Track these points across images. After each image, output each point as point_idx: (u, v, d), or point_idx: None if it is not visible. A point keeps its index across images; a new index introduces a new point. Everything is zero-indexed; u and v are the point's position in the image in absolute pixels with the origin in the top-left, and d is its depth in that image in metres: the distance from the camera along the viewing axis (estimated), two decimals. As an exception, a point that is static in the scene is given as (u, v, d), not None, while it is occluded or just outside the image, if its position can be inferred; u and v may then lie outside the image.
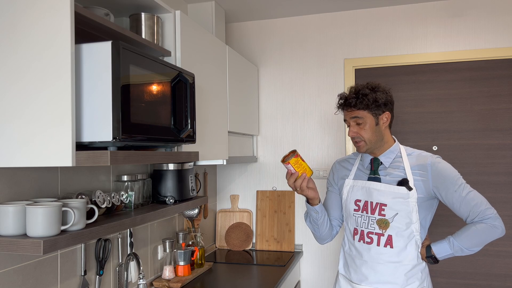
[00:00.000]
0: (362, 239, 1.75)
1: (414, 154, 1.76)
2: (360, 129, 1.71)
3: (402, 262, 1.69)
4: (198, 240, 2.50)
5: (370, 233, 1.73)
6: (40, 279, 1.49)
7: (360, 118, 1.71)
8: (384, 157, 1.76)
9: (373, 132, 1.72)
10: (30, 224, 1.20)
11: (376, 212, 1.71)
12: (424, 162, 1.71)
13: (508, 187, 2.71)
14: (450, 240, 1.70)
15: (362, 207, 1.75)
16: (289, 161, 1.66)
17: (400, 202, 1.68)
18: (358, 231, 1.77)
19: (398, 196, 1.68)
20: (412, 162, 1.73)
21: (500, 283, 2.71)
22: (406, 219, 1.68)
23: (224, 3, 2.81)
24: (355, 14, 2.98)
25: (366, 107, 1.70)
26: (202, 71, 2.10)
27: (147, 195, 1.94)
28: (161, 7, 1.79)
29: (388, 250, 1.70)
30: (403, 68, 2.90)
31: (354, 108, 1.71)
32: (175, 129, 1.61)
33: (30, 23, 1.22)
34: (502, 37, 2.72)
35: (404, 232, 1.69)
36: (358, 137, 1.72)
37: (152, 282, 2.21)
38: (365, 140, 1.71)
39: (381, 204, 1.71)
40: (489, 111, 2.75)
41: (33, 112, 1.22)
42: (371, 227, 1.73)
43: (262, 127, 3.17)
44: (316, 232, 1.87)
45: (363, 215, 1.75)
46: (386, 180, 1.73)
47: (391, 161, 1.75)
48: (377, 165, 1.76)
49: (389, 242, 1.69)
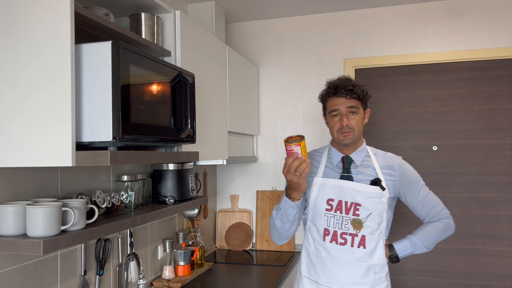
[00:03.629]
0: (335, 240, 1.68)
1: (380, 154, 1.77)
2: (353, 119, 1.67)
3: (373, 262, 1.68)
4: (198, 240, 2.50)
5: (344, 234, 1.67)
6: (40, 279, 1.49)
7: (356, 108, 1.67)
8: (356, 155, 1.73)
9: (361, 125, 1.71)
10: (30, 224, 1.20)
11: (350, 212, 1.66)
12: (392, 163, 1.73)
13: (508, 187, 2.71)
14: (411, 238, 1.75)
15: (335, 207, 1.68)
16: (300, 142, 1.50)
17: (374, 202, 1.66)
18: (330, 232, 1.69)
19: (372, 196, 1.66)
20: (380, 162, 1.74)
21: (500, 283, 2.71)
22: (378, 219, 1.67)
23: (224, 3, 2.81)
24: (355, 14, 2.98)
25: (361, 99, 1.68)
26: (202, 71, 2.10)
27: (147, 195, 1.94)
28: (161, 7, 1.79)
29: (361, 250, 1.67)
30: (403, 68, 2.90)
31: (353, 96, 1.66)
32: (175, 129, 1.61)
33: (30, 23, 1.22)
34: (502, 37, 2.72)
35: (376, 232, 1.68)
36: (351, 127, 1.66)
37: (152, 282, 2.21)
38: (356, 131, 1.67)
39: (356, 203, 1.66)
40: (489, 111, 2.75)
41: (33, 112, 1.22)
42: (345, 227, 1.67)
43: (262, 127, 3.17)
44: (282, 231, 1.71)
45: (336, 215, 1.68)
46: (358, 179, 1.70)
47: (362, 160, 1.73)
48: (350, 164, 1.72)
49: (362, 242, 1.66)
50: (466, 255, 2.76)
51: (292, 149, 1.51)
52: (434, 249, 2.81)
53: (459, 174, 2.79)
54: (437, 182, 2.82)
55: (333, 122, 1.70)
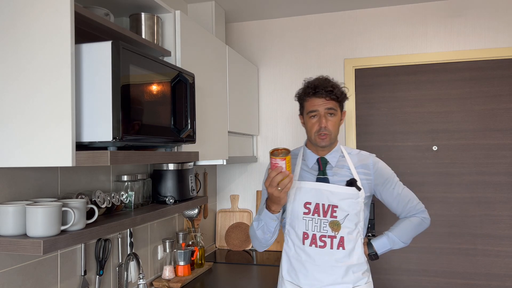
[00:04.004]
0: (314, 243, 1.66)
1: (354, 153, 1.76)
2: (331, 121, 1.65)
3: (353, 262, 1.68)
4: (198, 240, 2.50)
5: (323, 237, 1.66)
6: (40, 279, 1.49)
7: (334, 109, 1.65)
8: (331, 156, 1.71)
9: (338, 127, 1.70)
10: (30, 224, 1.20)
11: (328, 214, 1.65)
12: (366, 162, 1.73)
13: (508, 187, 2.71)
14: (389, 235, 1.77)
15: (313, 210, 1.66)
16: (285, 157, 1.49)
17: (351, 202, 1.65)
18: (308, 235, 1.67)
19: (349, 197, 1.65)
20: (355, 161, 1.73)
21: (500, 283, 2.71)
22: (355, 219, 1.67)
23: (224, 3, 2.81)
24: (355, 14, 2.98)
25: (340, 100, 1.67)
26: (202, 71, 2.10)
27: (147, 195, 1.94)
28: (161, 7, 1.79)
29: (340, 252, 1.66)
30: (403, 68, 2.90)
31: (332, 97, 1.64)
32: (175, 129, 1.61)
33: (30, 23, 1.22)
34: (502, 37, 2.72)
35: (353, 232, 1.68)
36: (328, 129, 1.64)
37: (152, 282, 2.21)
38: (333, 134, 1.66)
39: (333, 205, 1.65)
40: (489, 111, 2.75)
41: (33, 112, 1.22)
42: (324, 230, 1.65)
43: (262, 127, 3.17)
44: (263, 241, 1.71)
45: (314, 218, 1.66)
46: (334, 181, 1.68)
47: (337, 161, 1.72)
48: (325, 165, 1.71)
49: (341, 244, 1.66)
50: (466, 255, 2.76)
51: (276, 162, 1.50)
52: (434, 249, 2.81)
53: (459, 174, 2.79)
54: (437, 182, 2.82)
55: (311, 123, 1.67)
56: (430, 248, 2.82)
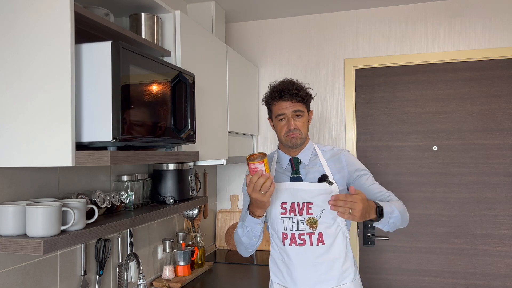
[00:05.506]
0: (294, 242, 1.69)
1: (327, 149, 1.79)
2: (299, 122, 1.69)
3: (335, 256, 1.69)
4: (198, 240, 2.50)
5: (302, 234, 1.68)
6: (40, 279, 1.49)
7: (301, 111, 1.70)
8: (303, 155, 1.75)
9: (307, 127, 1.74)
10: (30, 224, 1.20)
11: (303, 212, 1.68)
12: (337, 155, 1.76)
13: (508, 187, 2.71)
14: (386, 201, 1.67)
15: (289, 210, 1.69)
16: (263, 160, 1.50)
17: (325, 198, 1.67)
18: (288, 235, 1.69)
19: (322, 193, 1.68)
20: (327, 156, 1.76)
21: (500, 283, 2.71)
22: (332, 214, 1.68)
23: (224, 3, 2.81)
24: (355, 14, 2.98)
25: (304, 101, 1.71)
26: (202, 71, 2.10)
27: (147, 195, 1.94)
28: (161, 7, 1.79)
29: (320, 247, 1.68)
30: (403, 68, 2.90)
31: (298, 100, 1.68)
32: (175, 129, 1.61)
33: (30, 23, 1.22)
34: (502, 37, 2.72)
35: (332, 227, 1.68)
36: (298, 129, 1.68)
37: (152, 282, 2.21)
38: (303, 133, 1.70)
39: (307, 203, 1.68)
40: (489, 111, 2.75)
41: (33, 112, 1.22)
42: (301, 228, 1.68)
43: (262, 127, 3.17)
44: (249, 246, 1.73)
45: (291, 218, 1.69)
46: (307, 179, 1.72)
47: (309, 158, 1.75)
48: (298, 164, 1.74)
49: (320, 239, 1.67)
50: (466, 255, 2.76)
51: (256, 167, 1.50)
52: (434, 249, 2.81)
53: (459, 174, 2.79)
54: (437, 182, 2.82)
55: (280, 126, 1.71)
56: (430, 248, 2.82)
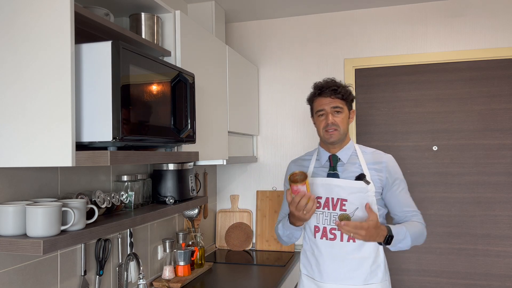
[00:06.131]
0: (325, 236, 1.75)
1: (369, 152, 1.82)
2: (337, 118, 1.74)
3: (364, 255, 1.72)
4: (198, 240, 2.50)
5: (333, 229, 1.73)
6: (40, 279, 1.49)
7: (340, 107, 1.74)
8: (342, 153, 1.80)
9: (346, 124, 1.78)
10: (30, 224, 1.20)
11: (337, 207, 1.73)
12: (380, 159, 1.78)
13: (508, 187, 2.71)
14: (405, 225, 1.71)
15: (323, 204, 1.75)
16: (305, 181, 1.59)
17: (360, 196, 1.71)
18: (319, 229, 1.76)
19: (357, 191, 1.72)
20: (368, 158, 1.79)
21: (500, 283, 2.71)
22: (365, 213, 1.71)
23: (224, 3, 2.81)
24: (355, 14, 2.98)
25: (345, 98, 1.75)
26: (202, 71, 2.10)
27: (147, 195, 1.94)
28: (161, 7, 1.79)
29: (351, 244, 1.71)
30: (403, 68, 2.90)
31: (337, 96, 1.73)
32: (175, 129, 1.61)
33: (30, 23, 1.22)
34: (502, 37, 2.72)
35: None
36: (336, 124, 1.73)
37: (152, 282, 2.21)
38: (341, 129, 1.74)
39: (341, 199, 1.72)
40: (489, 111, 2.75)
41: (33, 112, 1.22)
42: (333, 223, 1.73)
43: (262, 127, 3.17)
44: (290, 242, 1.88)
45: (324, 212, 1.75)
46: (344, 176, 1.76)
47: (348, 157, 1.79)
48: (336, 161, 1.79)
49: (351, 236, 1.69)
50: (466, 255, 2.76)
51: (298, 188, 1.60)
52: (434, 249, 2.81)
53: (459, 174, 2.79)
54: (437, 182, 2.82)
55: (319, 121, 1.78)
56: (430, 248, 2.82)
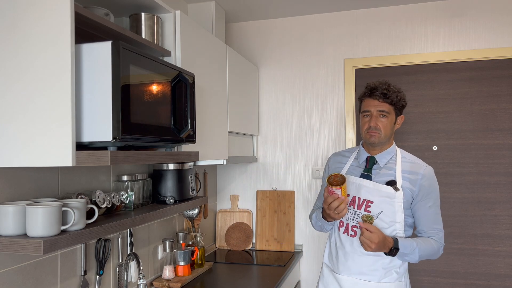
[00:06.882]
0: (347, 231, 1.81)
1: (409, 160, 1.81)
2: (382, 122, 1.74)
3: (381, 255, 1.75)
4: (198, 240, 2.50)
5: (355, 227, 1.79)
6: (40, 279, 1.49)
7: (386, 112, 1.74)
8: (381, 156, 1.81)
9: (390, 129, 1.78)
10: (30, 224, 1.20)
11: (362, 208, 1.77)
12: (417, 170, 1.77)
13: (508, 187, 2.71)
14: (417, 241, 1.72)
15: (350, 201, 1.80)
16: (341, 186, 1.63)
17: (386, 201, 1.73)
18: (344, 224, 1.82)
19: (385, 195, 1.74)
20: (405, 166, 1.79)
21: (500, 283, 2.71)
22: (389, 218, 1.74)
23: (224, 3, 2.81)
24: (355, 14, 2.98)
25: (394, 104, 1.75)
26: (202, 71, 2.10)
27: (147, 195, 1.94)
28: (161, 7, 1.79)
29: None
30: (403, 68, 2.90)
31: (386, 100, 1.73)
32: (175, 129, 1.61)
33: (30, 23, 1.22)
34: (502, 37, 2.72)
35: (386, 230, 1.75)
36: (378, 128, 1.74)
37: (152, 282, 2.21)
38: (382, 133, 1.75)
39: (368, 201, 1.76)
40: (489, 111, 2.75)
41: (33, 112, 1.22)
42: (356, 221, 1.78)
43: (262, 127, 3.17)
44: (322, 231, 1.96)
45: (350, 209, 1.80)
46: (376, 179, 1.78)
47: (386, 162, 1.80)
48: (372, 164, 1.81)
49: None
50: (466, 255, 2.76)
51: (333, 190, 1.65)
52: (434, 249, 2.81)
53: (459, 174, 2.79)
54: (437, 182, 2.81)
55: (363, 121, 1.80)
56: (430, 248, 2.82)
